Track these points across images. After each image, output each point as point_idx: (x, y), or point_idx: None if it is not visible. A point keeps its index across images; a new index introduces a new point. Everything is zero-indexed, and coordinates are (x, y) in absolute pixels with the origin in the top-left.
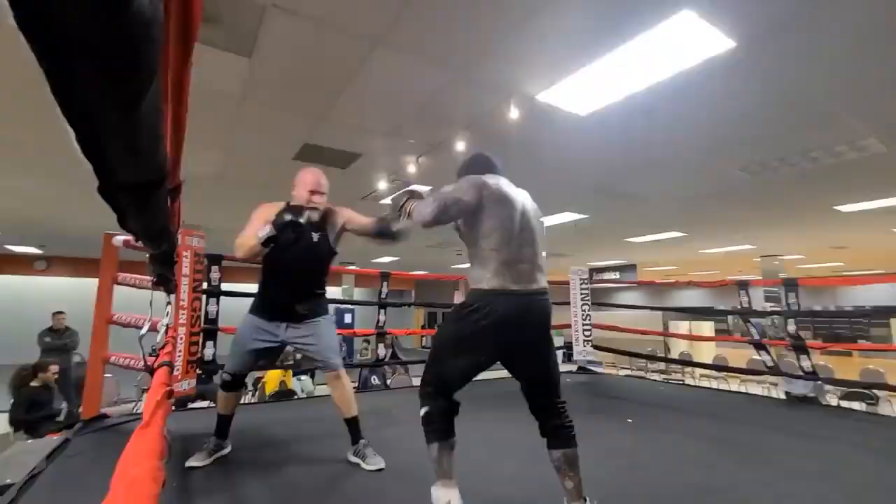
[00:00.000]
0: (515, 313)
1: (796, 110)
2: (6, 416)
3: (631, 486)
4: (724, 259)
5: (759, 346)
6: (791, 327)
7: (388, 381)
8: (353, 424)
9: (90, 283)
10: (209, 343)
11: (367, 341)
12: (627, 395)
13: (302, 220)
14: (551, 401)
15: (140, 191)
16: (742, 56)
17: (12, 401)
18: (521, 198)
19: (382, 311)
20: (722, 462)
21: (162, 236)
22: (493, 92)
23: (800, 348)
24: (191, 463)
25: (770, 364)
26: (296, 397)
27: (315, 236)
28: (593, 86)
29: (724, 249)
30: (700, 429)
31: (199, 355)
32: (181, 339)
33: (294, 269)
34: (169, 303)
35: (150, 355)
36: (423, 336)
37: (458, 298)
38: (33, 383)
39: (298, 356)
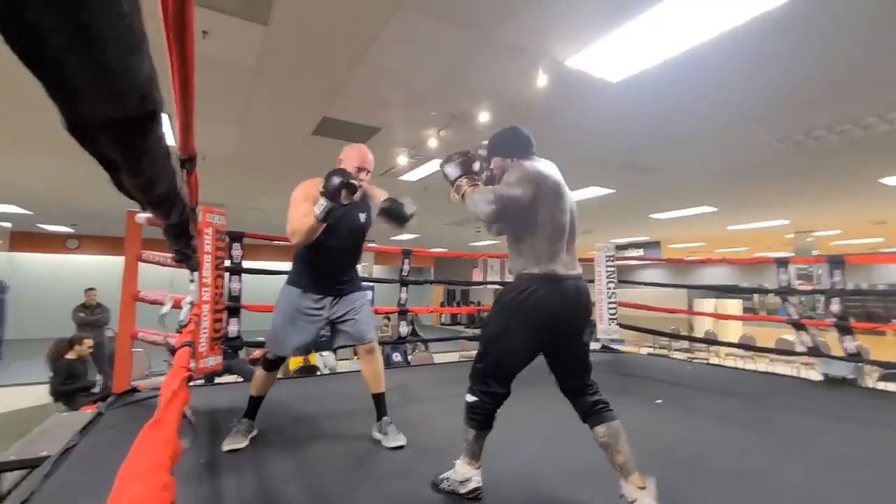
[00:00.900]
0: (568, 297)
1: (852, 72)
2: (46, 388)
3: (663, 470)
4: (754, 235)
5: (798, 326)
6: (835, 307)
7: (410, 359)
8: (379, 400)
9: (119, 261)
10: (233, 320)
11: (388, 318)
12: (654, 375)
13: (356, 183)
14: (585, 382)
15: (121, 129)
16: (796, 12)
17: (51, 373)
18: (565, 186)
19: (404, 288)
20: (758, 447)
21: (168, 201)
22: (521, 57)
23: (844, 329)
24: (229, 446)
25: (811, 345)
26: (319, 373)
27: (361, 216)
28: (628, 49)
29: (754, 225)
30: (733, 411)
31: (223, 332)
32: (205, 316)
33: (340, 247)
34: (192, 280)
35: (177, 332)
36: (440, 314)
37: (477, 276)
38: (69, 356)
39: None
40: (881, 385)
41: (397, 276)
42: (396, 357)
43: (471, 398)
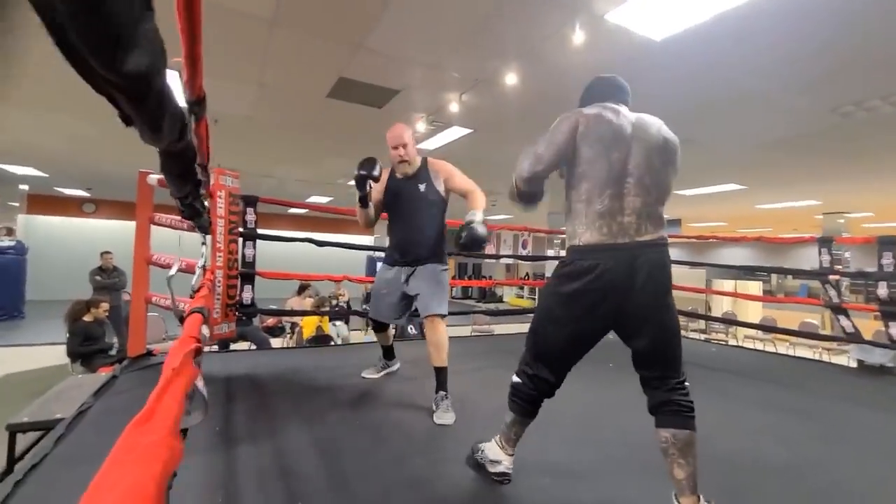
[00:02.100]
0: (620, 271)
1: None
2: (65, 348)
3: (701, 461)
4: (781, 215)
5: (838, 310)
6: (883, 291)
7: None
8: (440, 374)
9: (134, 226)
10: (247, 287)
11: None
12: None
13: (375, 173)
14: (665, 374)
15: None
16: None
17: (68, 335)
18: (639, 131)
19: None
20: (798, 436)
21: (168, 126)
22: (557, 10)
23: (890, 315)
24: (365, 375)
25: (851, 330)
26: (332, 343)
27: (421, 186)
28: (676, 1)
29: (784, 205)
30: (765, 396)
31: (237, 299)
32: (219, 282)
33: (405, 220)
34: (204, 243)
35: (190, 297)
36: (451, 287)
37: (490, 250)
38: (86, 318)
39: (334, 302)
40: None
41: None
42: (412, 330)
43: (514, 379)
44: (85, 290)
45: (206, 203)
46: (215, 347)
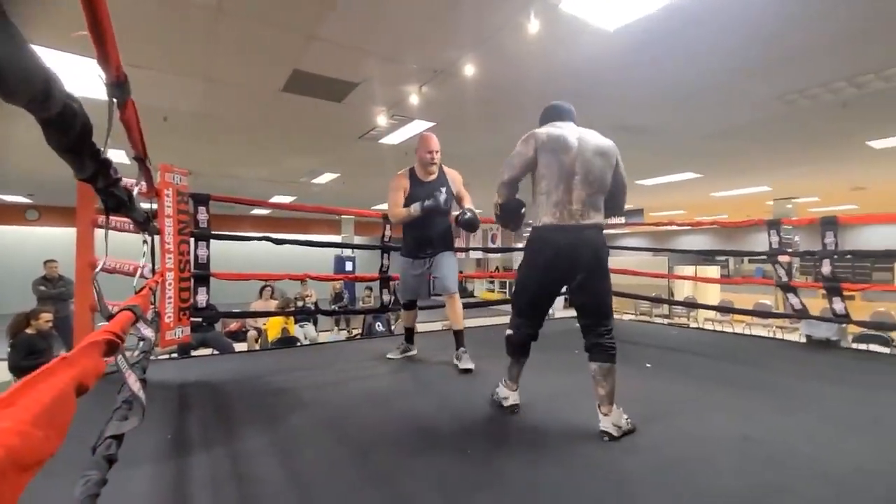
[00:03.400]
0: (567, 244)
1: (854, 21)
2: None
3: (665, 435)
4: (735, 202)
5: (787, 289)
6: (826, 268)
7: (393, 328)
8: (458, 335)
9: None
10: (201, 289)
11: (370, 288)
12: (640, 339)
13: (442, 202)
14: (597, 322)
15: None
16: None
17: (9, 349)
18: (580, 143)
19: (386, 255)
20: (754, 409)
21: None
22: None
23: (834, 290)
24: (389, 356)
25: (799, 307)
26: (299, 344)
27: (443, 190)
28: None
29: (737, 192)
30: (724, 373)
31: (190, 302)
32: (170, 284)
33: (426, 219)
34: (145, 241)
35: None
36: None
37: (459, 243)
38: (28, 330)
39: (300, 303)
40: (854, 346)
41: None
42: (379, 326)
43: (507, 332)
44: (31, 302)
45: (133, 193)
46: (174, 354)
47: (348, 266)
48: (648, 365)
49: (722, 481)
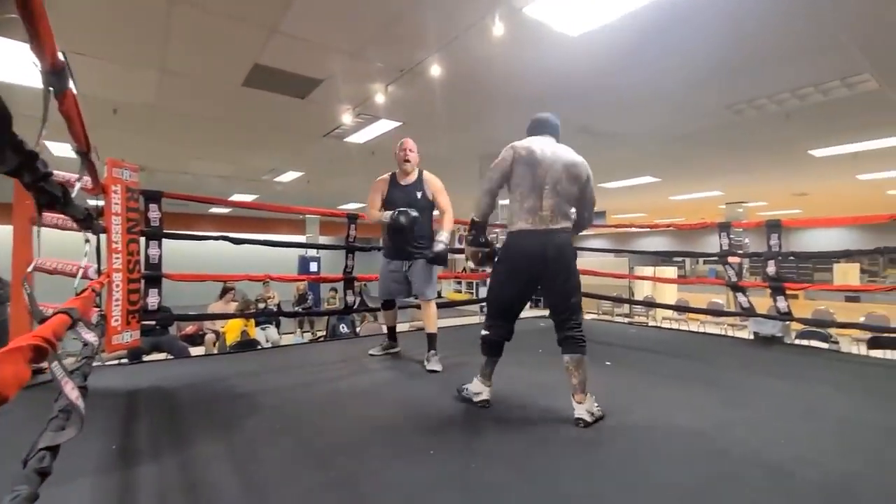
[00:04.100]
0: (539, 246)
1: (804, 33)
2: None
3: (621, 431)
4: (692, 206)
5: (736, 288)
6: (771, 269)
7: (358, 330)
8: (431, 338)
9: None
10: (152, 291)
11: (335, 289)
12: (601, 338)
13: (414, 214)
14: (567, 317)
15: None
16: None
17: None
18: (554, 157)
19: (350, 255)
20: (707, 403)
21: None
22: (477, 1)
23: (778, 290)
24: (371, 352)
25: (746, 306)
26: (259, 347)
27: (418, 193)
28: None
29: (693, 196)
30: (678, 370)
31: (140, 304)
32: (117, 286)
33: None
34: (87, 241)
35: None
36: None
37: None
38: None
39: (262, 306)
40: (797, 342)
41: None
42: (343, 328)
43: (483, 333)
44: None
45: (75, 189)
46: (124, 359)
47: (313, 266)
48: (608, 363)
49: (674, 473)
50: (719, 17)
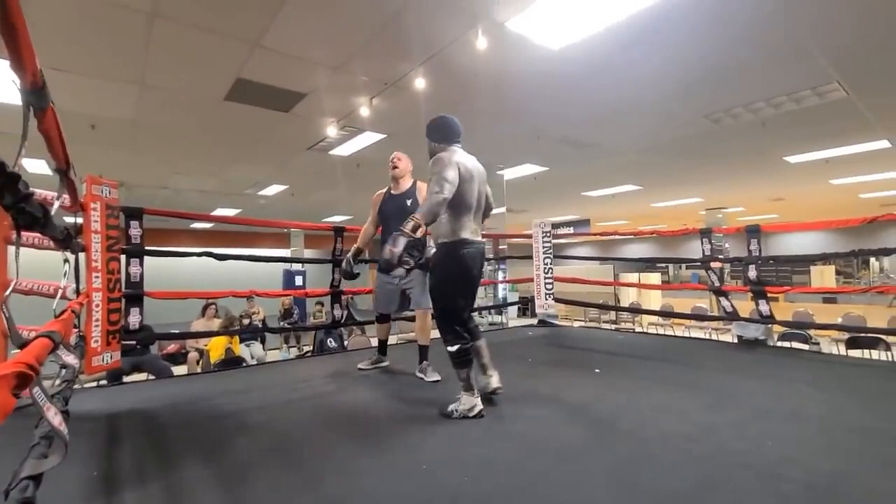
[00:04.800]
0: (478, 254)
1: (775, 45)
2: None
3: (610, 437)
4: (673, 212)
5: (719, 293)
6: (752, 273)
7: (346, 344)
8: (423, 350)
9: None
10: (133, 310)
11: (321, 303)
12: (590, 346)
13: (382, 263)
14: (470, 312)
15: None
16: None
17: None
18: (477, 169)
19: (337, 269)
20: (694, 407)
21: None
22: (460, 15)
23: (759, 293)
24: (360, 366)
25: (730, 310)
26: (245, 365)
27: (409, 202)
28: (570, 13)
29: (673, 203)
30: (666, 375)
31: (121, 324)
32: (97, 306)
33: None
34: (66, 260)
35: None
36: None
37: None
38: None
39: (246, 321)
40: (779, 344)
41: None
42: (331, 343)
43: (453, 348)
44: None
45: (54, 208)
46: (103, 381)
47: (298, 280)
48: (597, 370)
49: (664, 479)
50: (695, 31)
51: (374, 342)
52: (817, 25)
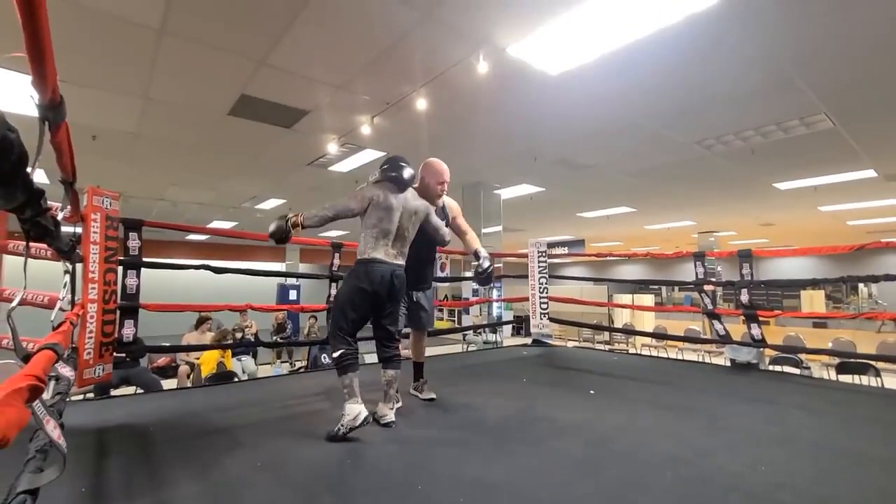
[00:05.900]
0: (386, 273)
1: (763, 76)
2: None
3: (606, 460)
4: (666, 235)
5: (712, 316)
6: (744, 297)
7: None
8: (418, 367)
9: None
10: (128, 322)
11: (315, 317)
12: (584, 366)
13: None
14: (388, 337)
15: None
16: (725, 11)
17: None
18: (405, 203)
19: (334, 284)
20: (688, 430)
21: None
22: (462, 41)
23: (751, 317)
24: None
25: (723, 333)
26: (236, 380)
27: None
28: (568, 41)
29: (667, 225)
30: (660, 397)
31: (115, 336)
32: (92, 317)
33: (413, 248)
34: (67, 272)
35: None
36: None
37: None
38: None
39: (239, 335)
40: (771, 368)
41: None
42: (325, 359)
43: (338, 353)
44: None
45: (59, 220)
46: (90, 394)
47: (292, 294)
48: (592, 392)
49: (657, 502)
50: (688, 61)
51: (369, 358)
52: (805, 60)
